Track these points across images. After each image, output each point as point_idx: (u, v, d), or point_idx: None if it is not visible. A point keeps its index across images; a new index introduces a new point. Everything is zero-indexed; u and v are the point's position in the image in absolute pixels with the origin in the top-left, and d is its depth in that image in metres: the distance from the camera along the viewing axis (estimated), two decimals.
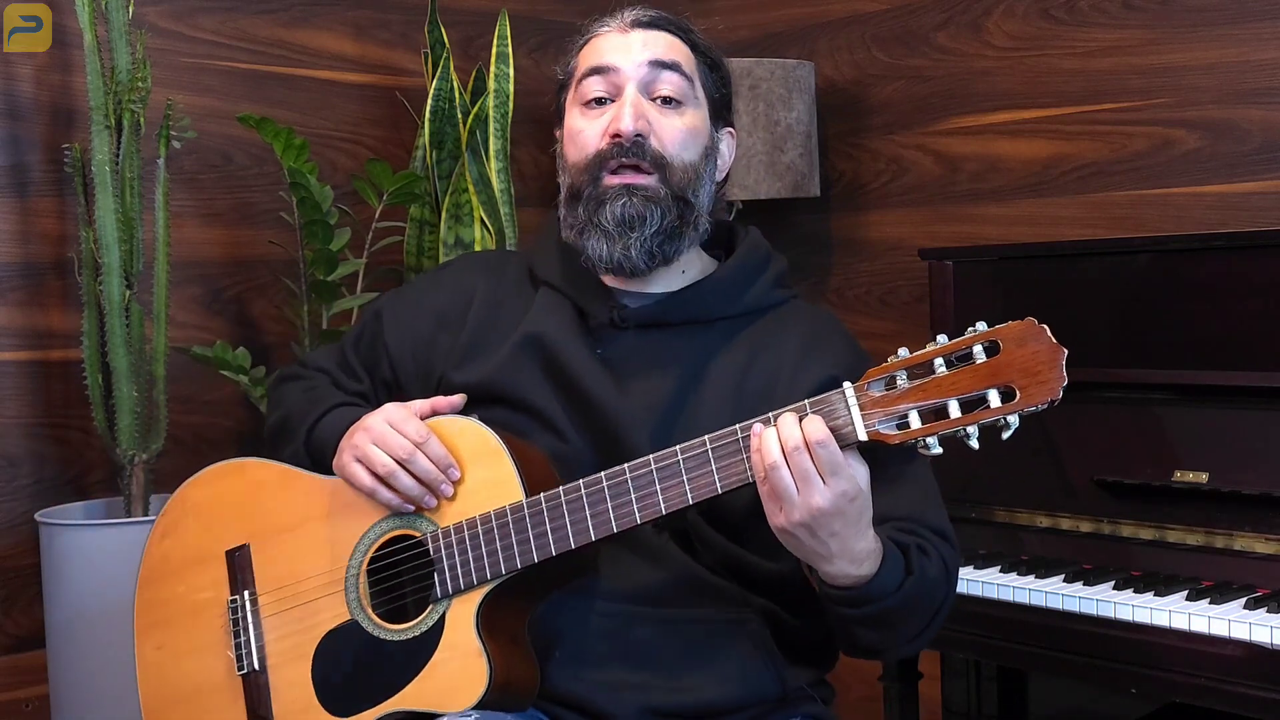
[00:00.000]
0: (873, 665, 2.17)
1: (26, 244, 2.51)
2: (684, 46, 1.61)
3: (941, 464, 2.22)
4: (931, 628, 1.49)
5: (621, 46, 1.59)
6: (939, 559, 1.48)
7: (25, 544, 2.48)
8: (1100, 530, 1.96)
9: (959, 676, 2.34)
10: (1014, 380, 1.29)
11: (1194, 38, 2.34)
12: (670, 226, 1.55)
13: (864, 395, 1.35)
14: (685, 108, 1.58)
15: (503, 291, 1.67)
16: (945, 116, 2.71)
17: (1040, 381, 1.29)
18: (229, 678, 1.60)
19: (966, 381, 1.31)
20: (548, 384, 1.57)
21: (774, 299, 1.64)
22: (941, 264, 2.27)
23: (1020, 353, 1.29)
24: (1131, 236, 2.33)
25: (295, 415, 1.66)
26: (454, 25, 2.81)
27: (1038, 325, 1.29)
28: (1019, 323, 1.30)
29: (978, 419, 1.30)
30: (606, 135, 1.56)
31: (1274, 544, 1.78)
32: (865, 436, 1.34)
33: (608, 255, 1.55)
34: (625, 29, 1.60)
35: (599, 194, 1.55)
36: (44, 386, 2.53)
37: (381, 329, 1.69)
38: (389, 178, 2.55)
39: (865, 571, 1.39)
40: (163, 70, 2.54)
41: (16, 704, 2.50)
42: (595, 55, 1.59)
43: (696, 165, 1.58)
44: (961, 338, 1.32)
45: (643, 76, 1.57)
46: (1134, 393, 2.02)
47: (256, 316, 2.77)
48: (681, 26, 1.63)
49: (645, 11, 1.61)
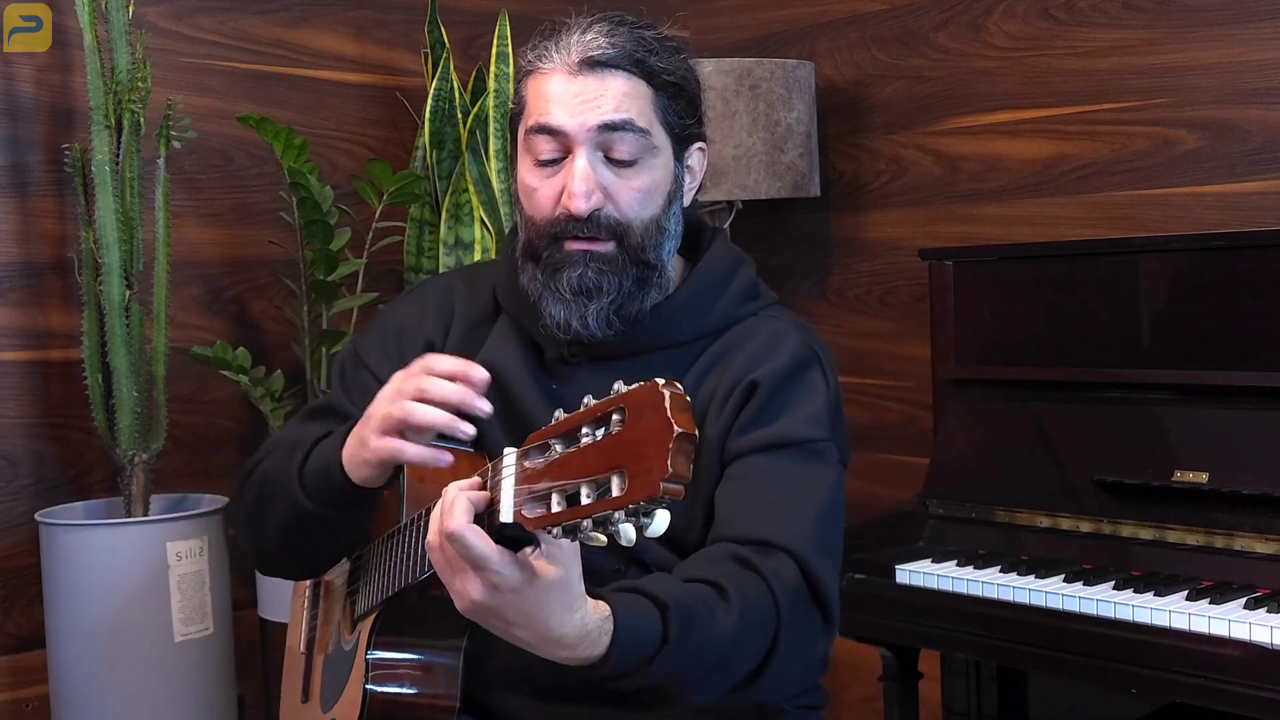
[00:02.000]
0: (873, 665, 2.17)
1: (26, 244, 2.51)
2: (641, 85, 1.47)
3: (941, 464, 2.22)
4: (765, 674, 1.32)
5: (569, 101, 1.45)
6: (748, 600, 1.30)
7: (25, 544, 2.48)
8: (1100, 530, 1.96)
9: (959, 676, 2.34)
10: (626, 464, 0.99)
11: (1194, 38, 2.34)
12: (629, 291, 1.48)
13: (522, 466, 1.10)
14: (643, 163, 1.47)
15: (473, 315, 1.61)
16: (945, 116, 2.71)
17: (645, 469, 0.97)
18: (300, 651, 1.72)
19: (594, 460, 1.01)
20: (497, 419, 1.48)
21: (740, 314, 1.55)
22: (941, 264, 2.27)
23: (639, 427, 0.99)
24: (1131, 236, 2.33)
25: (275, 471, 1.53)
26: (454, 25, 2.81)
27: (659, 391, 0.99)
28: (644, 386, 1.00)
29: (589, 512, 1.00)
30: (559, 206, 1.47)
31: (1274, 544, 1.78)
32: (510, 518, 1.09)
33: (564, 321, 1.47)
34: (572, 72, 1.45)
35: (557, 259, 1.47)
36: (44, 386, 2.53)
37: (367, 365, 1.61)
38: (389, 178, 2.55)
39: (585, 654, 1.21)
40: (163, 70, 2.54)
41: (16, 704, 2.50)
42: (541, 107, 1.47)
43: (658, 218, 1.49)
44: (603, 399, 1.04)
45: (593, 140, 1.45)
46: (1134, 393, 2.02)
47: (256, 316, 2.77)
48: (635, 56, 1.46)
49: (596, 40, 1.46)
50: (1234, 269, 1.96)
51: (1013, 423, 2.14)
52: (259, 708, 2.73)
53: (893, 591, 1.99)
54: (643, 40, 1.48)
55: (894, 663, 2.12)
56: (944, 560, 2.00)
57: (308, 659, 1.68)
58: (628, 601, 1.24)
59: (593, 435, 1.02)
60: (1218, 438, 1.90)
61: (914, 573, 1.98)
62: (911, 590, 1.98)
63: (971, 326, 2.24)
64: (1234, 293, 1.95)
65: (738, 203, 2.75)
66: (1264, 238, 1.96)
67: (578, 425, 1.04)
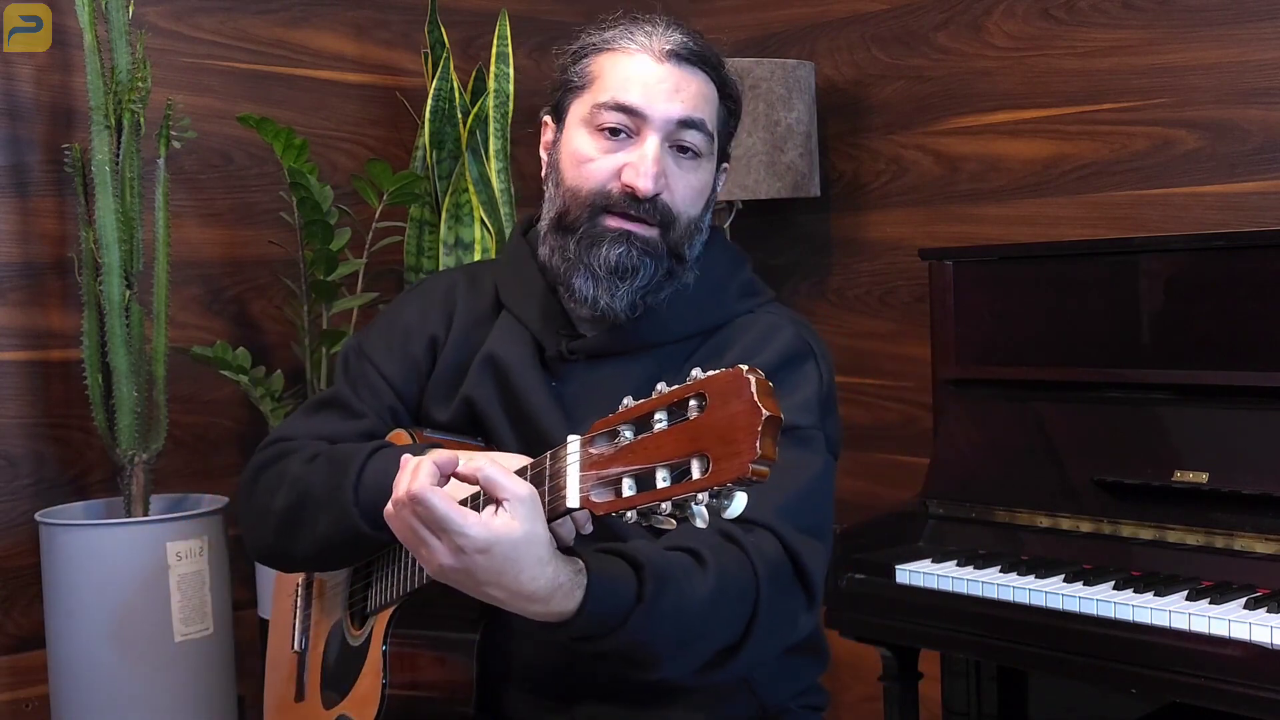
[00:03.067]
0: (873, 665, 2.17)
1: (26, 244, 2.51)
2: (713, 91, 1.52)
3: (941, 464, 2.22)
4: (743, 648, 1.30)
5: (653, 87, 1.47)
6: (726, 570, 1.29)
7: (25, 544, 2.48)
8: (1100, 530, 1.96)
9: (959, 676, 2.34)
10: (710, 448, 1.01)
11: (1194, 38, 2.34)
12: (659, 281, 1.49)
13: (587, 452, 1.11)
14: (701, 162, 1.51)
15: (475, 312, 1.60)
16: (945, 116, 2.71)
17: (734, 453, 0.99)
18: (293, 650, 1.70)
19: (671, 445, 1.04)
20: (505, 417, 1.51)
21: (738, 310, 1.56)
22: (941, 264, 2.27)
23: (723, 412, 1.01)
24: (1131, 236, 2.33)
25: (318, 487, 1.48)
26: (454, 25, 2.81)
27: (743, 376, 1.00)
28: (726, 372, 1.02)
29: (669, 494, 1.03)
30: (620, 180, 1.47)
31: (1274, 544, 1.79)
32: (577, 504, 1.11)
33: (592, 298, 1.47)
34: (660, 59, 1.48)
35: (595, 233, 1.47)
36: (44, 386, 2.53)
37: (371, 359, 1.60)
38: (389, 178, 2.55)
39: (558, 608, 1.19)
40: (163, 70, 2.54)
41: (16, 704, 2.50)
42: (622, 85, 1.48)
43: (697, 219, 1.52)
44: (678, 386, 1.06)
45: (669, 129, 1.47)
46: (1134, 393, 2.02)
47: (256, 316, 2.77)
48: (714, 63, 1.52)
49: (683, 38, 1.50)
50: (1234, 269, 1.96)
51: (1013, 423, 2.14)
52: (259, 708, 2.72)
53: (893, 591, 1.99)
54: (716, 54, 1.54)
55: (894, 663, 2.12)
56: (944, 560, 2.01)
57: (300, 658, 1.68)
58: (603, 559, 1.24)
59: (668, 421, 1.04)
60: (1218, 438, 1.90)
61: (914, 573, 1.98)
62: (911, 590, 1.98)
63: (971, 326, 2.24)
64: (1234, 293, 1.95)
65: (738, 203, 2.75)
66: (1264, 238, 1.96)
67: (650, 412, 1.05)
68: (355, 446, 1.49)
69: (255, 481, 1.57)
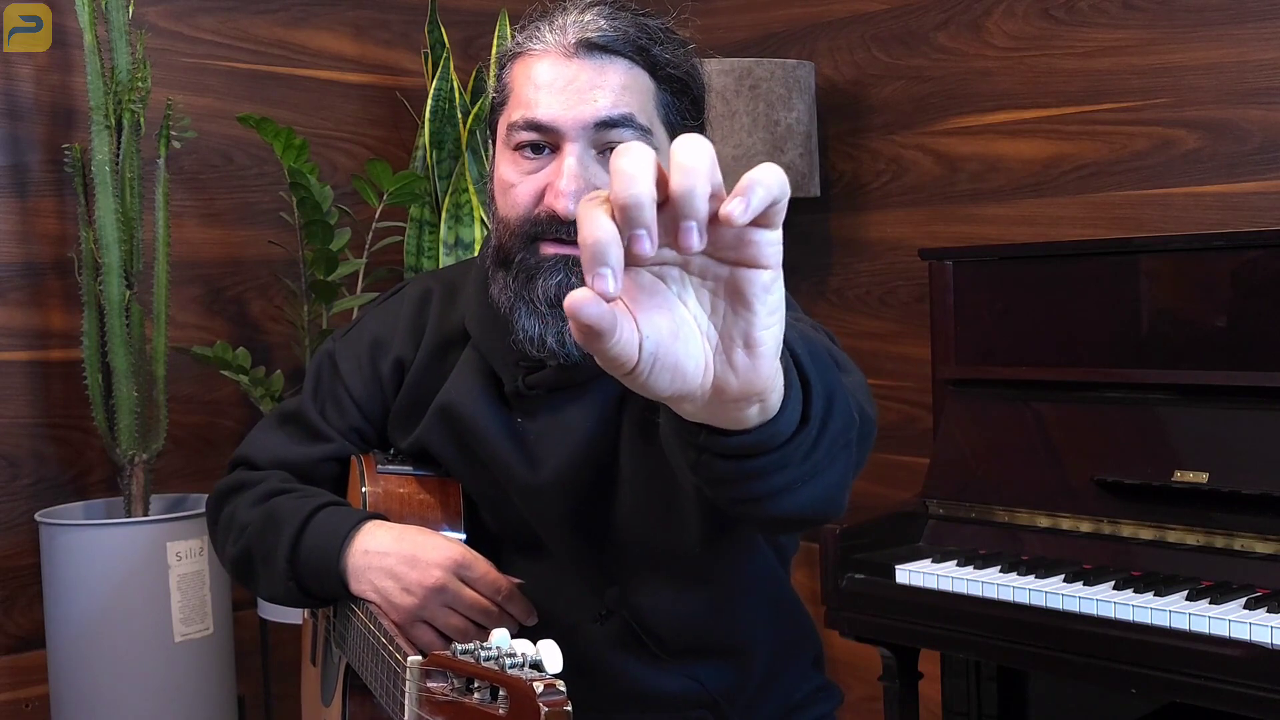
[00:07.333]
0: (873, 665, 2.17)
1: (26, 244, 2.51)
2: (642, 76, 1.33)
3: (941, 464, 2.22)
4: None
5: (562, 91, 1.30)
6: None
7: (25, 544, 2.48)
8: (1100, 530, 1.96)
9: (959, 676, 2.34)
10: None
11: (1194, 38, 2.34)
12: None
13: (423, 685, 1.09)
14: None
15: (444, 334, 1.51)
16: (945, 116, 2.71)
17: None
18: (312, 666, 1.69)
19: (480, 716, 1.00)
20: (460, 460, 1.45)
21: None
22: (941, 264, 2.27)
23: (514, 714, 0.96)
24: (1131, 236, 2.33)
25: (257, 546, 1.46)
26: (454, 25, 2.81)
27: (536, 702, 0.94)
28: (525, 686, 0.95)
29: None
30: (541, 204, 1.32)
31: (1274, 544, 1.78)
32: None
33: (539, 337, 1.33)
34: (568, 55, 1.31)
35: (531, 265, 1.32)
36: (44, 386, 2.53)
37: (341, 378, 1.54)
38: (389, 178, 2.55)
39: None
40: (163, 70, 2.55)
41: (16, 704, 2.50)
42: (529, 96, 1.32)
43: None
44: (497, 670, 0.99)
45: (587, 136, 1.30)
46: (1134, 393, 2.02)
47: (256, 316, 2.77)
48: (638, 43, 1.32)
49: (595, 21, 1.32)
50: (1234, 269, 1.96)
51: (1013, 423, 2.14)
52: (259, 708, 2.73)
53: (893, 591, 1.99)
54: (646, 28, 1.34)
55: (894, 663, 2.12)
56: (944, 560, 2.00)
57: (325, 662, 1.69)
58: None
59: (484, 695, 1.01)
60: (1218, 438, 1.90)
61: (914, 573, 1.98)
62: (911, 590, 1.98)
63: (971, 326, 2.24)
64: (1234, 293, 1.95)
65: None
66: (1264, 238, 1.96)
67: (468, 675, 1.02)
68: (296, 504, 1.46)
69: (218, 511, 1.57)
